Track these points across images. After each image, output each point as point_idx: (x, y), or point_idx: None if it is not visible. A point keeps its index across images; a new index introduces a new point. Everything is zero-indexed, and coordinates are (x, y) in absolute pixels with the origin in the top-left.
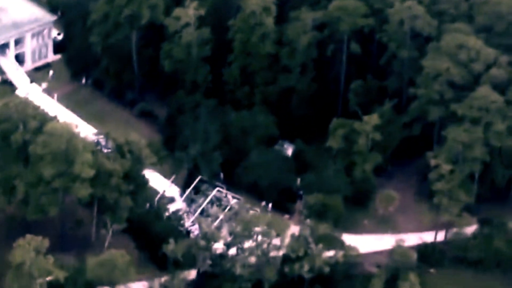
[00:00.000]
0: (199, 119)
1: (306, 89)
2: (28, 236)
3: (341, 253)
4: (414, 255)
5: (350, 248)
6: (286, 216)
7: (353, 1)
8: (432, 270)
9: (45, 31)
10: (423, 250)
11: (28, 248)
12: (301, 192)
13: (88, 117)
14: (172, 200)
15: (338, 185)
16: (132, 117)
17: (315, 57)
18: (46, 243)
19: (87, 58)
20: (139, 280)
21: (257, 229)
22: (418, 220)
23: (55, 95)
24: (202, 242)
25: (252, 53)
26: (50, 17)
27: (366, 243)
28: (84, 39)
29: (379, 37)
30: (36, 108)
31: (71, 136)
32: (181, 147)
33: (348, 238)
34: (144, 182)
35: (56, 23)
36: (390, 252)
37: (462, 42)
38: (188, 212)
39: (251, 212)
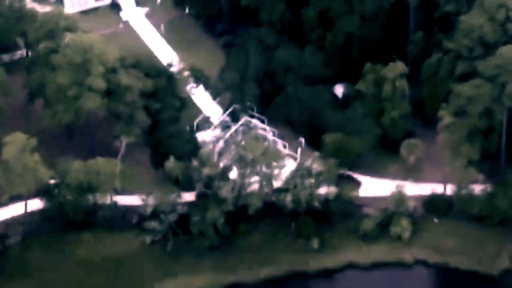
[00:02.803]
0: (249, 51)
1: (368, 36)
2: (17, 133)
3: (334, 190)
4: (411, 203)
5: (348, 187)
6: (316, 153)
7: None
8: (435, 220)
9: None
10: (430, 200)
11: (14, 145)
12: None
13: (177, 44)
14: (210, 124)
15: (364, 127)
16: (218, 48)
17: (386, 6)
18: (33, 142)
19: None
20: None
21: (250, 156)
22: (445, 172)
23: (162, 25)
24: (195, 163)
25: None
26: None
27: (383, 187)
28: None
29: None
30: (68, 18)
31: (89, 50)
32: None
33: (365, 180)
34: (184, 103)
35: None
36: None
37: (504, 2)
38: (219, 138)
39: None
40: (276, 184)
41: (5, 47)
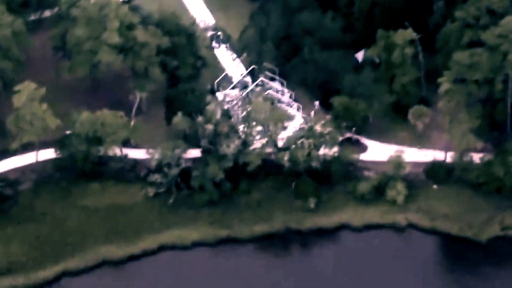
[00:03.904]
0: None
1: (391, 3)
2: (27, 82)
3: (332, 151)
4: (411, 168)
5: (352, 150)
6: (328, 116)
7: None
8: (434, 186)
9: None
10: (431, 167)
11: (24, 94)
12: None
13: (214, 5)
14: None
15: (374, 91)
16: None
17: None
18: (42, 91)
19: None
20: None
21: (255, 115)
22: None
23: None
24: (200, 119)
25: None
26: None
27: (389, 153)
28: None
29: None
30: None
31: (106, 5)
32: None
33: (372, 145)
34: (205, 62)
35: None
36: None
37: None
38: (236, 97)
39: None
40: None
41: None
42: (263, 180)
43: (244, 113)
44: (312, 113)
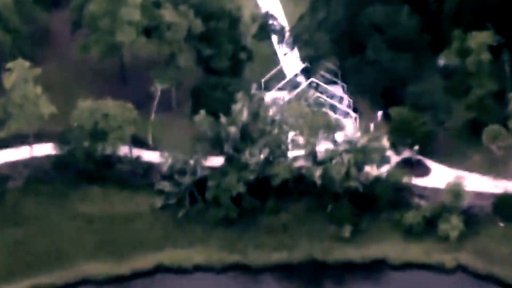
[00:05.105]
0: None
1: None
2: (20, 60)
3: (374, 172)
4: (466, 197)
5: (399, 171)
6: None
7: None
8: (501, 224)
9: None
10: (500, 200)
11: (15, 73)
12: None
13: None
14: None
15: (441, 102)
16: None
17: None
18: (37, 71)
19: None
20: None
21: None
22: None
23: None
24: (224, 120)
25: None
26: None
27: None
28: None
29: None
30: None
31: None
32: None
33: (437, 168)
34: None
35: None
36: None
37: None
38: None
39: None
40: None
41: None
42: (296, 200)
43: (277, 116)
44: (372, 125)
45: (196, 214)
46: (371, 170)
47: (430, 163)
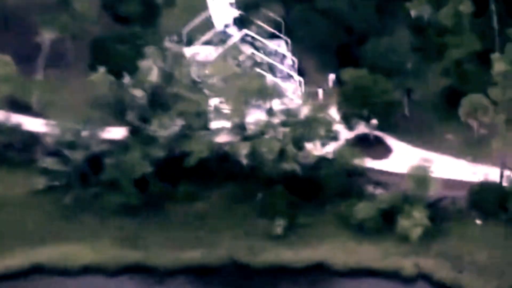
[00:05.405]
0: None
1: None
2: None
3: (318, 151)
4: (434, 185)
5: (350, 150)
6: None
7: None
8: (477, 221)
9: None
10: (478, 191)
11: None
12: None
13: None
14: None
15: (407, 65)
16: None
17: None
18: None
19: None
20: None
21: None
22: None
23: None
24: (128, 81)
25: None
26: None
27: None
28: None
29: None
30: None
31: None
32: None
33: (401, 148)
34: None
35: None
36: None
37: None
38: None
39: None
40: None
41: None
42: (217, 185)
43: (198, 78)
44: (320, 92)
45: (88, 199)
46: (315, 148)
47: (391, 141)
